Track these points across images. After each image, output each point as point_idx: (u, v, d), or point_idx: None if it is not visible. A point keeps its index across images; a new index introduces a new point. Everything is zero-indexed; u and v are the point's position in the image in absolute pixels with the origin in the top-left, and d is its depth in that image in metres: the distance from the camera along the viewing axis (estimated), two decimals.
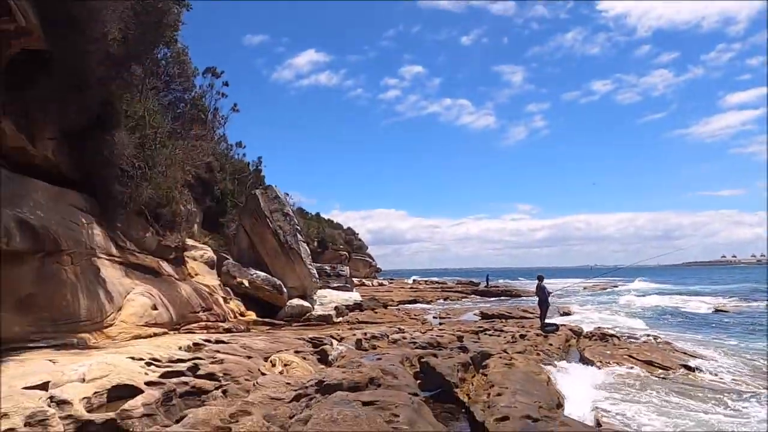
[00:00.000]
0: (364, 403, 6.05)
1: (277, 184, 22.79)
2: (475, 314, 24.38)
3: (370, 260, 58.31)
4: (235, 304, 18.24)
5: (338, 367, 8.49)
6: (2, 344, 7.38)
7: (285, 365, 8.41)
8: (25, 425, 4.89)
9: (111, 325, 10.06)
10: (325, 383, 7.02)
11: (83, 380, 6.30)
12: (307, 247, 21.40)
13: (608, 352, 12.64)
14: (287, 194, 36.46)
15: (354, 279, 40.30)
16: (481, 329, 15.37)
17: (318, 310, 19.98)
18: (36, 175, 9.77)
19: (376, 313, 23.12)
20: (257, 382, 7.13)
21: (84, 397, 5.82)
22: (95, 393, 6.04)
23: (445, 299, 37.79)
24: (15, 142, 9.15)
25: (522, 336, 13.65)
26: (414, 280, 64.34)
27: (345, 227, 57.21)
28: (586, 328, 16.59)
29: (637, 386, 9.82)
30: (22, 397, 5.24)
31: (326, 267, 26.96)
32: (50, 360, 6.97)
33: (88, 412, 5.66)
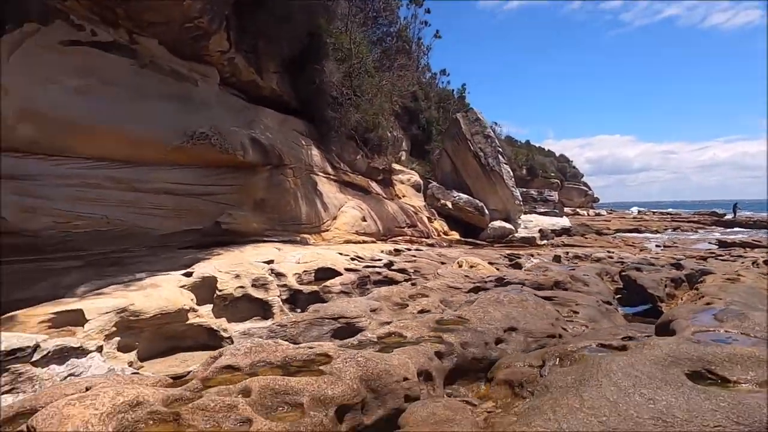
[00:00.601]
0: (542, 297, 5.90)
1: (484, 113, 22.51)
2: (710, 243, 20.82)
3: (586, 189, 53.84)
4: (439, 224, 19.16)
5: (524, 270, 8.36)
6: (245, 236, 9.27)
7: (471, 267, 8.65)
8: (252, 286, 6.17)
9: (327, 231, 11.69)
10: (505, 280, 7.04)
11: (297, 262, 7.56)
12: (509, 169, 20.91)
13: None
14: (495, 123, 35.87)
15: (567, 209, 38.10)
16: (712, 255, 13.12)
17: (521, 233, 19.67)
18: (265, 104, 11.58)
19: (585, 238, 21.63)
20: (438, 273, 7.54)
21: (296, 273, 7.01)
22: (304, 271, 7.21)
23: (674, 229, 32.89)
24: (247, 76, 10.90)
25: (766, 262, 11.22)
26: (639, 211, 57.26)
27: (558, 155, 53.81)
28: None
29: None
30: (251, 267, 6.59)
31: (533, 191, 25.98)
32: (276, 248, 8.52)
33: (298, 284, 6.80)
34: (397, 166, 19.88)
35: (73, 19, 6.94)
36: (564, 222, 24.10)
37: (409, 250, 11.68)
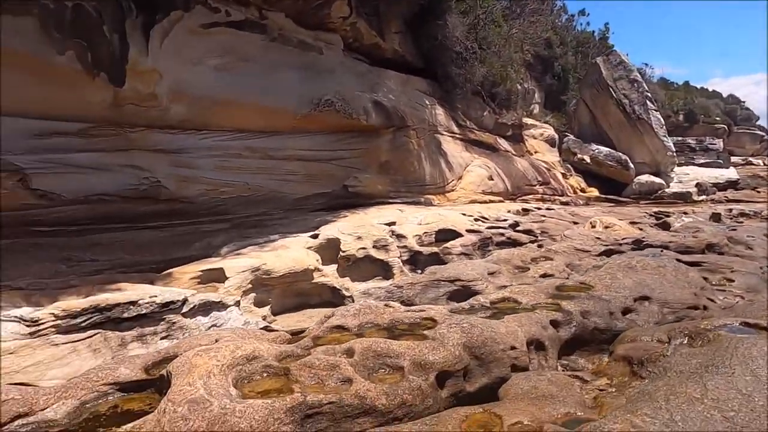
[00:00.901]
0: (686, 262, 5.24)
1: (632, 55, 20.16)
2: None
3: (762, 134, 45.52)
4: (575, 181, 17.89)
5: (670, 231, 7.46)
6: (371, 198, 9.59)
7: (606, 227, 7.95)
8: (372, 247, 6.41)
9: (452, 191, 11.60)
10: (643, 242, 6.37)
11: (419, 224, 7.63)
12: (660, 117, 18.55)
13: None
14: (646, 65, 31.86)
15: (736, 158, 32.91)
16: None
17: (674, 188, 17.54)
18: (387, 66, 11.62)
19: (757, 192, 18.55)
20: (564, 234, 7.06)
21: (416, 235, 7.10)
22: (425, 233, 7.26)
23: None
24: (369, 39, 11.00)
25: None
26: None
27: (725, 96, 46.17)
28: None
29: None
30: (373, 229, 6.82)
31: (690, 140, 22.80)
32: (399, 210, 8.70)
33: (418, 246, 6.89)
34: (528, 121, 18.80)
35: (210, 2, 7.55)
36: (730, 173, 20.90)
37: (539, 209, 11.12)
